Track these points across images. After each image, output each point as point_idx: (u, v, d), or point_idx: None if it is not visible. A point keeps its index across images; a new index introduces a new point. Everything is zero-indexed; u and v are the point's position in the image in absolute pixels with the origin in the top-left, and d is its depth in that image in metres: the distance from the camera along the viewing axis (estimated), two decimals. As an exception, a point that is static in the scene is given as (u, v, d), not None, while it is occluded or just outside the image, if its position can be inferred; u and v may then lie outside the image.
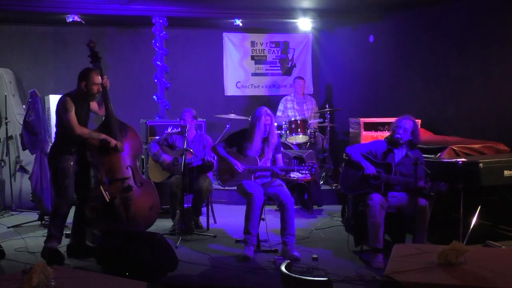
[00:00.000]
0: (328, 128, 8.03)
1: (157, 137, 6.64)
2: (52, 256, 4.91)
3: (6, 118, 7.13)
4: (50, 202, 6.19)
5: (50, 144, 5.73)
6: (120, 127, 5.29)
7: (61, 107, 4.95)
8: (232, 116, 8.10)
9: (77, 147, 5.03)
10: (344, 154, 5.26)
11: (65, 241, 5.30)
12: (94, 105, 5.25)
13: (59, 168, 4.98)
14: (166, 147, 6.25)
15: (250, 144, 5.37)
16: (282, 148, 5.88)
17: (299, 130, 7.60)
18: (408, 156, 4.95)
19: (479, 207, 5.13)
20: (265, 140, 5.41)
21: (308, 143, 7.79)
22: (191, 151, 5.90)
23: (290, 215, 5.17)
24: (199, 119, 6.85)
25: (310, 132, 7.74)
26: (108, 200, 5.04)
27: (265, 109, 5.40)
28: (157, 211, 5.54)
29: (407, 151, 4.92)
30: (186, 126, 6.01)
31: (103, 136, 5.07)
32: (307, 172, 5.41)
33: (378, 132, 6.91)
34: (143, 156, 6.97)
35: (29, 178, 6.69)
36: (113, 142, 5.08)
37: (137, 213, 5.21)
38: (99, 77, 5.09)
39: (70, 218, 5.17)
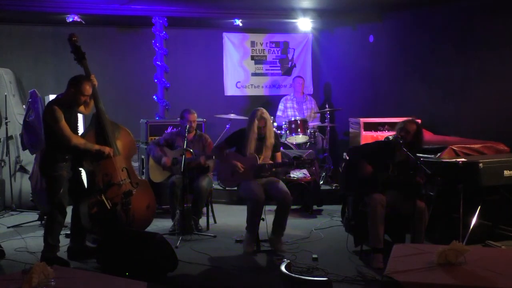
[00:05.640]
0: (328, 128, 8.03)
1: (157, 138, 6.60)
2: (55, 263, 4.88)
3: (6, 118, 7.12)
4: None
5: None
6: (113, 128, 5.20)
7: (51, 118, 4.77)
8: (232, 116, 8.10)
9: (71, 154, 4.91)
10: (345, 154, 5.29)
11: (65, 241, 5.30)
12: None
13: (53, 177, 4.85)
14: (165, 147, 6.24)
15: (246, 144, 5.39)
16: (282, 148, 5.89)
17: (299, 130, 7.60)
18: (408, 157, 4.95)
19: (479, 207, 5.14)
20: (262, 140, 5.42)
21: (308, 143, 7.79)
22: (190, 151, 5.89)
23: (285, 211, 5.25)
24: (199, 119, 6.84)
25: (310, 132, 7.75)
26: (109, 208, 5.03)
27: (260, 112, 5.39)
28: (154, 210, 5.55)
29: (406, 151, 4.91)
30: (187, 126, 6.00)
31: (97, 147, 4.98)
32: (308, 165, 5.39)
33: (378, 132, 6.92)
34: (143, 156, 6.97)
35: (29, 178, 6.69)
36: (106, 151, 5.01)
37: (135, 214, 5.21)
38: (91, 89, 4.90)
39: (67, 218, 5.12)
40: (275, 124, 7.86)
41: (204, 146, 6.22)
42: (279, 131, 7.60)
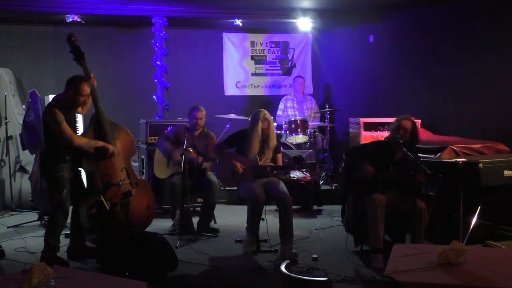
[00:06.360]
0: (328, 128, 8.03)
1: (165, 132, 6.46)
2: (55, 263, 4.88)
3: (6, 118, 7.13)
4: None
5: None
6: (112, 128, 5.18)
7: (52, 120, 4.75)
8: (232, 116, 8.10)
9: (71, 154, 4.90)
10: (344, 154, 5.30)
11: (65, 241, 5.29)
12: None
13: (54, 178, 4.83)
14: (173, 143, 6.17)
15: (249, 145, 5.37)
16: (282, 148, 5.89)
17: (299, 130, 7.60)
18: (407, 157, 4.94)
19: (479, 207, 5.14)
20: (264, 141, 5.41)
21: (308, 143, 7.79)
22: (190, 151, 5.85)
23: (288, 214, 5.20)
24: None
25: (310, 132, 7.75)
26: (109, 208, 5.03)
27: (263, 113, 5.39)
28: (154, 210, 5.54)
29: (406, 151, 4.91)
30: (188, 125, 5.97)
31: (100, 143, 4.96)
32: (309, 169, 5.39)
33: (378, 132, 6.92)
34: (143, 156, 6.96)
35: (29, 178, 6.69)
36: (110, 148, 5.00)
37: (135, 214, 5.20)
38: (89, 89, 4.88)
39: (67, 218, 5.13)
40: (275, 124, 7.86)
41: (208, 144, 6.18)
42: (279, 131, 7.60)
